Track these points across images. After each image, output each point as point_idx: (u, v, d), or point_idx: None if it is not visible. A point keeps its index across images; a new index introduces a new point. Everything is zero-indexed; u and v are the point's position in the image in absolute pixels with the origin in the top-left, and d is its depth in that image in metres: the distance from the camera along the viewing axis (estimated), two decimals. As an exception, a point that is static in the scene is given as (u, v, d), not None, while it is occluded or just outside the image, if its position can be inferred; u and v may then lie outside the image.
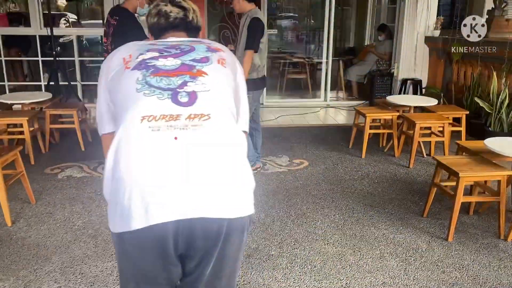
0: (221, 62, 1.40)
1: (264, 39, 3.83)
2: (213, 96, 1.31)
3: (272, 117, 6.45)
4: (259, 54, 3.83)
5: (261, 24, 3.76)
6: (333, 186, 3.91)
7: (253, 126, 4.21)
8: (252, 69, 3.82)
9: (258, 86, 3.94)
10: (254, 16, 3.75)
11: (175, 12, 1.57)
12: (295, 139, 5.32)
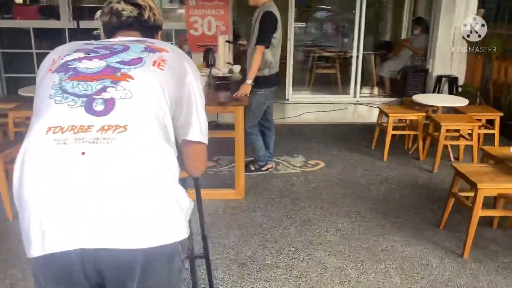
0: (158, 64, 1.23)
1: (277, 34, 3.64)
2: (135, 104, 1.14)
3: (295, 113, 6.25)
4: (271, 50, 3.64)
5: (274, 18, 3.57)
6: (347, 190, 3.69)
7: (265, 125, 4.05)
8: (263, 65, 3.65)
9: (270, 83, 3.76)
10: (268, 9, 3.57)
11: (128, 11, 1.43)
12: (315, 137, 5.10)
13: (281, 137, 5.06)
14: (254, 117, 3.80)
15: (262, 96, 3.74)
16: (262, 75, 3.68)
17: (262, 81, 3.70)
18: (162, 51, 1.29)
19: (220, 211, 3.30)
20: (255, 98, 3.72)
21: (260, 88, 3.71)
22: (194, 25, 6.17)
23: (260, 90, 3.72)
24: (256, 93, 3.71)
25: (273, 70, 3.73)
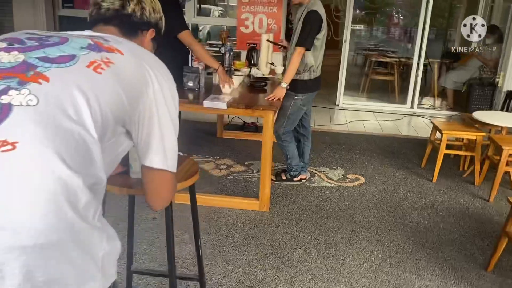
0: (96, 66, 0.98)
1: (321, 35, 3.32)
2: (38, 114, 0.87)
3: (343, 121, 5.87)
4: (313, 53, 3.34)
5: (319, 17, 3.25)
6: (384, 214, 3.30)
7: (301, 132, 3.75)
8: (303, 69, 3.35)
9: (309, 88, 3.46)
10: (312, 8, 3.26)
11: (109, 2, 1.23)
12: (360, 149, 4.72)
13: (323, 145, 4.74)
14: (289, 123, 3.51)
15: (299, 101, 3.44)
16: (301, 79, 3.39)
17: (301, 86, 3.41)
18: (112, 51, 1.04)
19: (240, 223, 3.06)
20: (291, 102, 3.43)
21: (297, 92, 3.41)
22: (245, 22, 5.97)
23: (297, 95, 3.42)
24: (293, 98, 3.42)
25: (313, 75, 3.42)
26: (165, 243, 2.65)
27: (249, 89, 3.55)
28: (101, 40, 1.07)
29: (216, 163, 4.11)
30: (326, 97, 7.17)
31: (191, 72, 3.36)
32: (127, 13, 1.24)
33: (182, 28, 3.32)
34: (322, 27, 3.29)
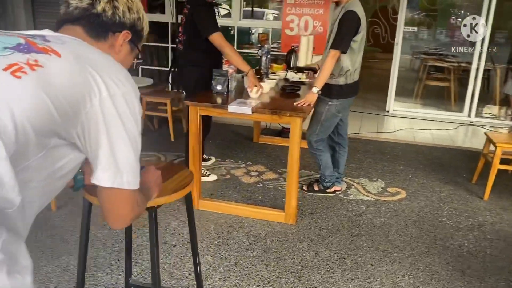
0: (17, 69, 0.84)
1: (358, 37, 3.08)
2: None
3: (391, 128, 5.52)
4: (350, 56, 3.10)
5: (356, 18, 3.02)
6: (423, 233, 3.00)
7: (337, 140, 3.52)
8: (338, 73, 3.13)
9: (345, 94, 3.22)
10: (349, 8, 3.03)
11: (77, 0, 1.11)
12: (405, 160, 4.38)
13: (365, 154, 4.46)
14: (322, 131, 3.30)
15: (334, 107, 3.22)
16: (336, 84, 3.17)
17: (336, 91, 3.18)
18: (46, 52, 0.91)
19: (262, 235, 2.89)
20: (325, 108, 3.22)
21: (332, 98, 3.19)
22: (290, 24, 5.80)
23: (332, 101, 3.20)
24: (327, 104, 3.21)
25: (350, 79, 3.19)
26: (177, 254, 2.55)
27: (281, 94, 3.37)
28: (38, 40, 0.95)
29: (248, 169, 3.96)
30: (376, 103, 6.83)
31: (220, 75, 3.24)
32: (96, 12, 1.11)
33: (212, 30, 3.22)
34: (360, 29, 3.05)
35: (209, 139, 4.66)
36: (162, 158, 4.15)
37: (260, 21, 8.02)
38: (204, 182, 3.63)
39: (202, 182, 3.63)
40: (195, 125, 3.03)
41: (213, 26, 3.25)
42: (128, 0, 1.15)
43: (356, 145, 4.76)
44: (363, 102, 6.94)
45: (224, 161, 4.15)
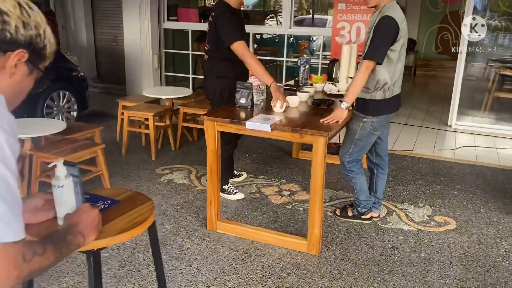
0: None
1: (397, 46, 2.70)
2: None
3: (451, 145, 4.96)
4: (387, 67, 2.73)
5: (394, 25, 2.64)
6: (470, 275, 2.54)
7: (374, 161, 3.15)
8: (374, 86, 2.76)
9: (382, 110, 2.84)
10: (386, 14, 2.67)
11: None
12: (462, 183, 3.86)
13: (415, 175, 4.01)
14: (356, 150, 2.94)
15: (369, 124, 2.85)
16: (372, 99, 2.80)
17: (372, 107, 2.82)
18: None
19: (279, 266, 2.60)
20: (359, 126, 2.87)
21: (367, 115, 2.83)
22: (341, 31, 5.43)
23: (367, 117, 2.84)
24: (361, 120, 2.85)
25: (389, 93, 2.81)
26: (182, 281, 2.32)
27: (312, 109, 3.07)
28: None
29: (280, 188, 3.68)
30: (438, 116, 6.25)
31: (243, 88, 3.01)
32: None
33: (233, 39, 3.02)
34: (399, 36, 2.67)
35: (245, 153, 4.45)
36: (193, 172, 4.00)
37: (309, 29, 7.70)
38: (229, 200, 3.42)
39: (228, 200, 3.42)
40: (213, 142, 2.81)
41: (234, 35, 3.04)
42: (23, 14, 0.96)
43: (406, 164, 4.30)
44: (424, 114, 6.39)
45: (257, 177, 3.91)
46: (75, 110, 5.17)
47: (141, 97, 4.91)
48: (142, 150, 4.56)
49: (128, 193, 1.50)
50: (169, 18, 6.94)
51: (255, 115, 2.82)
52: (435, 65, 10.25)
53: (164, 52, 7.07)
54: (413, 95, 7.97)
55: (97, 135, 3.71)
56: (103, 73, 7.99)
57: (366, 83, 2.76)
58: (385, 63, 2.71)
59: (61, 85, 4.93)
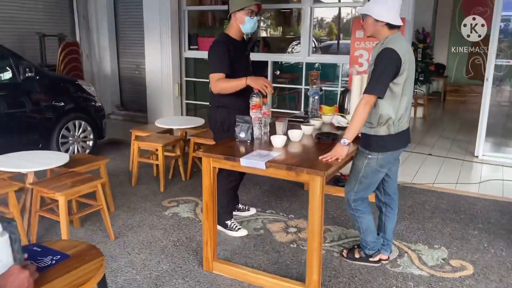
0: None
1: (401, 79, 2.53)
2: None
3: (476, 178, 4.66)
4: (390, 101, 2.56)
5: (395, 57, 2.48)
6: (485, 332, 2.29)
7: (383, 200, 2.96)
8: (377, 122, 2.60)
9: (387, 146, 2.66)
10: (388, 46, 2.53)
11: None
12: (484, 222, 3.58)
13: (433, 212, 3.77)
14: (361, 188, 2.76)
15: (374, 161, 2.68)
16: (375, 135, 2.64)
17: (376, 143, 2.65)
18: None
19: (273, 314, 2.43)
20: (364, 162, 2.70)
21: (372, 151, 2.66)
22: (359, 59, 5.30)
23: (372, 154, 2.67)
24: (366, 157, 2.69)
25: (394, 129, 2.63)
26: None
27: (315, 144, 2.92)
28: None
29: (287, 224, 3.52)
30: (465, 146, 5.95)
31: (243, 122, 2.91)
32: None
33: (213, 69, 3.04)
34: (402, 69, 2.52)
35: (256, 185, 4.33)
36: (200, 205, 3.90)
37: (327, 56, 7.58)
38: (232, 237, 3.29)
39: (230, 237, 3.29)
40: (208, 178, 2.71)
41: (215, 65, 3.03)
42: None
43: (425, 199, 4.05)
44: (450, 144, 6.10)
45: (265, 212, 3.77)
46: (91, 139, 5.21)
47: (155, 127, 4.90)
48: (152, 181, 4.52)
49: (81, 247, 1.41)
50: (190, 47, 7.02)
51: (254, 150, 2.71)
52: (466, 90, 9.90)
53: (186, 81, 7.12)
54: (441, 123, 7.66)
55: (103, 167, 3.69)
56: (126, 101, 8.12)
57: (369, 118, 2.61)
58: (388, 97, 2.55)
59: (77, 115, 4.99)
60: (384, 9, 2.53)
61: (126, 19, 7.71)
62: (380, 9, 2.53)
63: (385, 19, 2.53)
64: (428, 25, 8.68)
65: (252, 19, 3.11)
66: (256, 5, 3.11)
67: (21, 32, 6.70)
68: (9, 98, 4.39)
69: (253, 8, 3.09)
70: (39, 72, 4.65)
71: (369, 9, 2.57)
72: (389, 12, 2.53)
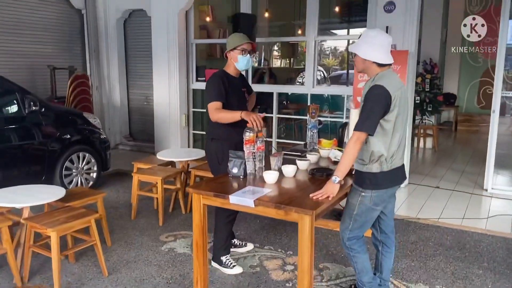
0: None
1: (391, 116, 2.49)
2: None
3: (483, 213, 4.52)
4: (382, 138, 2.51)
5: (384, 94, 2.44)
6: None
7: (380, 238, 2.87)
8: (369, 159, 2.53)
9: (381, 183, 2.59)
10: (377, 83, 2.50)
11: None
12: (490, 260, 3.44)
13: (437, 249, 3.65)
14: (356, 227, 2.68)
15: (368, 199, 2.61)
16: (368, 172, 2.58)
17: (369, 180, 2.58)
18: None
19: None
20: (357, 200, 2.63)
21: (365, 188, 2.60)
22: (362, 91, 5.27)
23: (365, 191, 2.60)
24: (360, 194, 2.62)
25: (386, 166, 2.56)
26: None
27: (309, 179, 2.87)
28: None
29: (284, 261, 3.44)
30: (474, 178, 5.81)
31: (236, 157, 2.89)
32: None
33: (209, 99, 3.13)
34: (392, 106, 2.48)
35: (256, 218, 4.27)
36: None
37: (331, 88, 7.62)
38: (226, 275, 3.22)
39: (224, 274, 3.22)
40: (198, 216, 2.67)
41: (211, 96, 3.12)
42: None
43: (429, 235, 3.93)
44: (458, 176, 5.97)
45: (263, 247, 3.69)
46: (95, 171, 5.24)
47: (157, 159, 4.91)
48: (152, 214, 4.49)
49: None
50: (198, 79, 7.11)
51: (247, 186, 2.67)
52: (477, 120, 9.76)
53: (193, 112, 7.19)
54: (451, 153, 7.52)
55: (100, 201, 3.68)
56: (135, 131, 8.21)
57: (361, 155, 2.56)
58: (379, 134, 2.51)
59: (81, 147, 5.04)
60: (372, 49, 2.51)
61: (135, 52, 7.88)
62: (367, 48, 2.52)
63: (372, 58, 2.51)
64: (436, 56, 8.66)
65: (245, 57, 3.21)
66: (248, 43, 3.20)
67: (33, 65, 6.89)
68: (13, 131, 4.46)
69: (245, 47, 3.20)
70: (44, 105, 4.73)
71: (356, 48, 2.56)
72: (377, 51, 2.51)
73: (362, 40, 2.56)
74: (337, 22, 9.72)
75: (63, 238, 3.26)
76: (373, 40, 2.52)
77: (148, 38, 7.11)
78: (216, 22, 7.60)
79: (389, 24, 5.05)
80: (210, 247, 3.46)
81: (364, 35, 2.58)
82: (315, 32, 5.83)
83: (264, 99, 6.70)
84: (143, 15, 7.34)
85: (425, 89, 7.57)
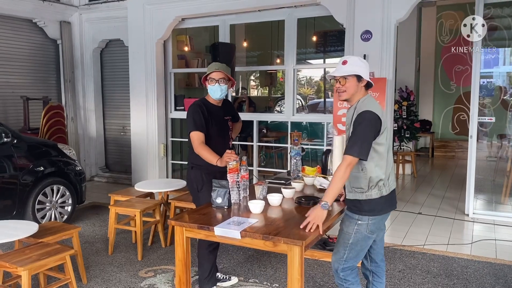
0: None
1: (382, 138, 2.47)
2: None
3: (467, 238, 4.50)
4: (377, 162, 2.46)
5: (376, 118, 2.43)
6: None
7: (370, 268, 2.79)
8: (368, 185, 2.46)
9: (381, 208, 2.51)
10: (365, 108, 2.47)
11: None
12: (478, 286, 3.39)
13: (425, 277, 3.57)
14: (351, 257, 2.57)
15: (365, 227, 2.52)
16: (368, 199, 2.49)
17: (368, 207, 2.50)
18: None
19: None
20: (353, 229, 2.53)
21: (363, 215, 2.51)
22: (343, 119, 5.28)
23: (362, 219, 2.51)
24: (356, 223, 2.52)
25: (386, 189, 2.50)
26: None
27: (295, 208, 2.79)
28: None
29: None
30: (455, 203, 5.84)
31: (220, 186, 2.79)
32: None
33: (190, 128, 3.13)
34: (382, 129, 2.46)
35: (239, 250, 4.13)
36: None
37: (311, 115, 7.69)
38: (210, 311, 3.06)
39: (208, 311, 3.06)
40: (181, 250, 2.54)
41: (193, 125, 3.12)
42: None
43: (416, 263, 3.86)
44: (439, 201, 5.98)
45: (247, 281, 3.54)
46: (70, 204, 5.02)
47: (135, 191, 4.74)
48: (130, 248, 4.30)
49: None
50: (176, 108, 7.03)
51: (231, 217, 2.57)
52: (453, 145, 9.92)
53: (171, 141, 7.07)
54: (430, 179, 7.58)
55: (75, 236, 3.49)
56: (111, 162, 8.00)
57: (358, 183, 2.50)
58: (374, 159, 2.46)
59: (55, 179, 4.83)
60: (366, 72, 2.54)
61: (112, 82, 7.76)
62: (364, 71, 2.54)
63: (367, 78, 2.53)
64: (411, 83, 8.85)
65: (213, 86, 3.21)
66: (217, 72, 3.19)
67: (5, 96, 6.69)
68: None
69: (212, 76, 3.21)
70: (17, 137, 4.55)
71: (355, 70, 2.53)
72: (367, 72, 2.55)
73: (356, 64, 2.53)
74: (313, 52, 9.88)
75: (35, 277, 3.06)
76: (364, 64, 2.56)
77: (125, 68, 7.04)
78: (194, 51, 7.60)
79: (366, 52, 5.11)
80: (195, 280, 3.31)
81: (355, 59, 2.57)
82: (293, 61, 5.87)
83: (243, 128, 6.65)
84: (121, 44, 7.28)
85: (402, 116, 7.68)
